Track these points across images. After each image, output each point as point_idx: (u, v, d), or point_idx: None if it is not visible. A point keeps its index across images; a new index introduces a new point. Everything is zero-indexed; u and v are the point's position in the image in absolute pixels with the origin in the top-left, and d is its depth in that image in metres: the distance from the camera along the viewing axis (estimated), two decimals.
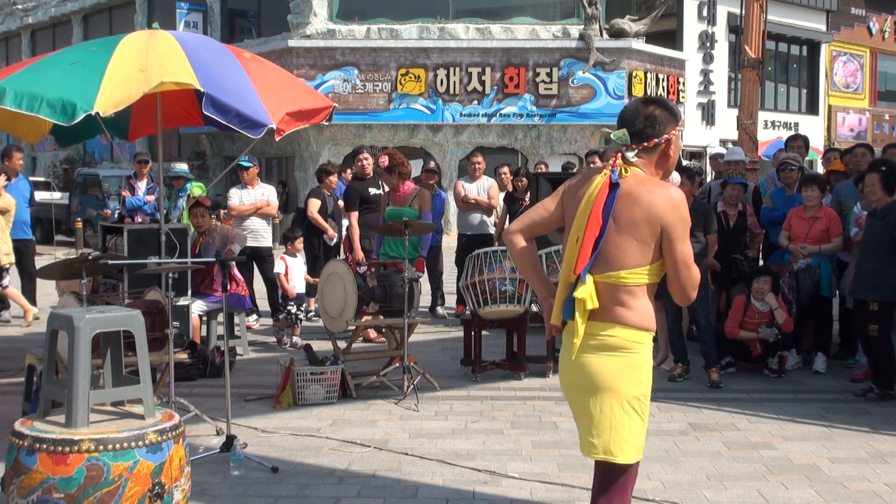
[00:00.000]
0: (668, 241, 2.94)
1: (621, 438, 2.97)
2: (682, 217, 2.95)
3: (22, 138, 7.08)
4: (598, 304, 2.96)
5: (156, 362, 5.61)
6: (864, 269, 6.63)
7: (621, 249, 2.95)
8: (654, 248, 2.96)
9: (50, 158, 31.86)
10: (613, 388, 2.97)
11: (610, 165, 3.01)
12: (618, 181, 2.96)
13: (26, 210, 10.12)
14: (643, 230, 2.93)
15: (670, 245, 2.95)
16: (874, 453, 5.30)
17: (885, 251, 6.51)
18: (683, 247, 2.96)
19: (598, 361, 2.98)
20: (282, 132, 5.81)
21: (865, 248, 6.69)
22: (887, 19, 35.71)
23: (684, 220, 2.95)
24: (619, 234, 2.95)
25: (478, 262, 7.06)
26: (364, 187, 9.00)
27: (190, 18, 26.18)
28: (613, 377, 2.97)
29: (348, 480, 4.77)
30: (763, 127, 27.10)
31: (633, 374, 2.99)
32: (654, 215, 2.92)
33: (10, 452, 3.60)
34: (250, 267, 9.57)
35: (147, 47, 5.74)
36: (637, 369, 3.00)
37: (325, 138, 22.16)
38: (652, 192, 2.94)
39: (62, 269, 5.86)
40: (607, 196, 2.95)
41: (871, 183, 6.64)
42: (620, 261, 2.96)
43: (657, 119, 3.02)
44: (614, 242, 2.96)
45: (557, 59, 22.34)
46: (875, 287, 6.55)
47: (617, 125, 3.08)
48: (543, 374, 7.28)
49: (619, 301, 2.97)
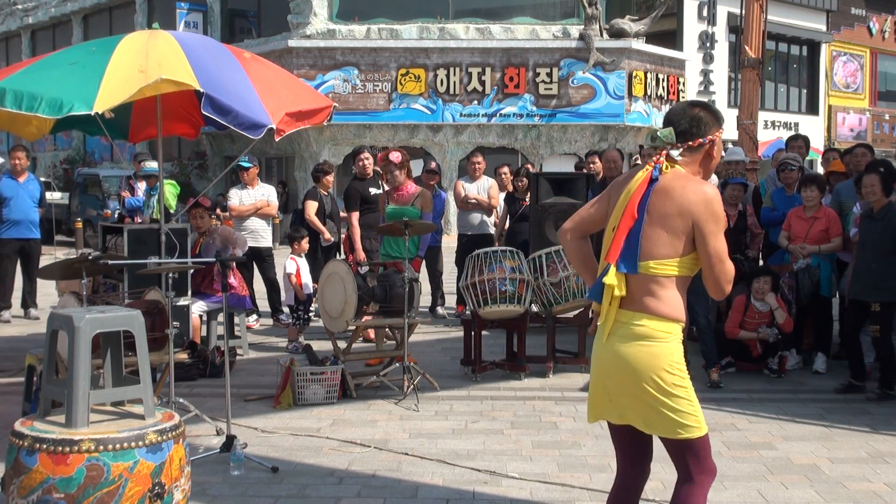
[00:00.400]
0: (701, 237, 3.05)
1: (670, 419, 3.06)
2: (714, 213, 3.03)
3: (22, 137, 7.07)
4: (625, 292, 3.08)
5: (156, 362, 5.61)
6: (864, 270, 6.62)
7: (651, 241, 3.06)
8: (685, 242, 3.06)
9: (50, 158, 31.88)
10: (644, 376, 3.06)
11: (653, 162, 3.14)
12: (657, 176, 3.09)
13: (33, 209, 10.14)
14: (675, 223, 3.04)
15: (703, 240, 3.05)
16: (874, 453, 5.30)
17: (886, 252, 6.52)
18: (717, 242, 3.05)
19: (628, 351, 3.08)
20: (282, 133, 5.80)
21: (864, 249, 6.68)
22: (887, 19, 35.72)
23: (716, 215, 3.04)
24: (650, 225, 3.07)
25: (478, 262, 7.06)
26: (365, 187, 8.99)
27: (190, 18, 26.20)
28: (643, 365, 3.06)
29: (348, 480, 4.77)
30: (763, 127, 27.11)
31: (659, 362, 3.07)
32: (687, 210, 3.03)
33: (10, 452, 3.60)
34: (250, 267, 9.57)
35: (147, 47, 5.73)
36: (664, 357, 3.08)
37: (325, 138, 22.16)
38: (686, 188, 3.05)
39: (62, 269, 5.86)
40: (645, 190, 3.09)
41: (871, 184, 6.64)
42: (650, 251, 3.06)
43: (702, 120, 3.15)
44: (646, 234, 3.07)
45: (557, 59, 22.34)
46: (877, 288, 6.54)
47: (663, 124, 3.21)
48: (543, 374, 7.28)
49: (648, 291, 3.07)
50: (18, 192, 9.98)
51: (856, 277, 6.72)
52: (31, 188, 10.18)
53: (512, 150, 22.46)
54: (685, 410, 3.08)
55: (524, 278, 6.99)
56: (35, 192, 10.19)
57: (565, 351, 7.76)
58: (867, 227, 6.69)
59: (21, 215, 9.97)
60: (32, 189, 10.18)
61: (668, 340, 3.08)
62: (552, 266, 7.21)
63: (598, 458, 5.15)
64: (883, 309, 6.54)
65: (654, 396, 3.06)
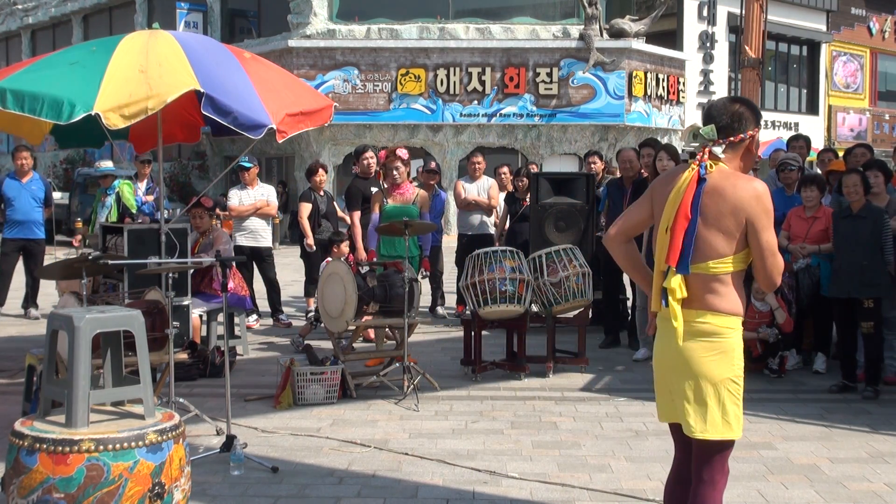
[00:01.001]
0: (754, 231, 3.12)
1: (718, 419, 3.16)
2: (765, 208, 3.11)
3: (23, 138, 7.08)
4: (686, 293, 3.16)
5: (156, 362, 5.61)
6: (854, 268, 6.73)
7: (708, 241, 3.14)
8: (739, 238, 3.15)
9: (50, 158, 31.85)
10: (708, 372, 3.16)
11: (698, 160, 3.18)
12: (705, 176, 3.15)
13: (37, 210, 10.13)
14: (729, 222, 3.12)
15: (756, 235, 3.13)
16: (874, 453, 5.30)
17: (873, 249, 6.68)
18: (768, 235, 3.13)
19: (694, 347, 3.17)
20: (285, 134, 5.78)
21: (850, 247, 6.78)
22: (887, 19, 35.71)
23: (767, 210, 3.11)
24: (706, 226, 3.14)
25: (478, 262, 7.06)
26: (367, 186, 8.96)
27: (190, 18, 26.18)
28: (708, 362, 3.16)
29: (348, 480, 4.77)
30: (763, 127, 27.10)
31: (725, 358, 3.18)
32: (740, 207, 3.10)
33: (10, 452, 3.60)
34: (250, 267, 9.57)
35: (147, 47, 5.73)
36: (729, 353, 3.20)
37: (325, 138, 22.16)
38: (737, 186, 3.12)
39: (62, 269, 5.87)
40: (695, 190, 3.14)
41: (854, 184, 6.81)
42: (708, 252, 3.14)
43: (742, 116, 3.21)
44: (701, 235, 3.14)
45: (557, 59, 22.34)
46: (870, 285, 6.68)
47: (704, 121, 3.26)
48: (543, 374, 7.28)
49: (709, 289, 3.16)
50: (21, 193, 9.98)
51: (844, 276, 6.79)
52: (35, 188, 10.17)
53: (512, 150, 22.45)
54: (735, 409, 3.20)
55: (524, 278, 6.99)
56: (39, 193, 10.18)
57: (565, 351, 7.76)
58: (850, 227, 6.83)
59: (24, 216, 9.97)
60: (36, 189, 10.17)
61: (731, 336, 3.19)
62: (552, 266, 7.21)
63: (598, 458, 5.15)
64: (875, 305, 6.69)
65: (707, 390, 3.15)
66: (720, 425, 3.16)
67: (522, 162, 21.00)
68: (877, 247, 6.70)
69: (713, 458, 3.20)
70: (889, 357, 7.11)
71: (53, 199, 10.64)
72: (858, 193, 6.81)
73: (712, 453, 3.20)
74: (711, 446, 3.19)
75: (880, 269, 6.70)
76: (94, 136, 6.95)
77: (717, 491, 3.20)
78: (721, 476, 3.23)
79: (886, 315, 7.02)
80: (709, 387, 3.15)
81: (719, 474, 3.22)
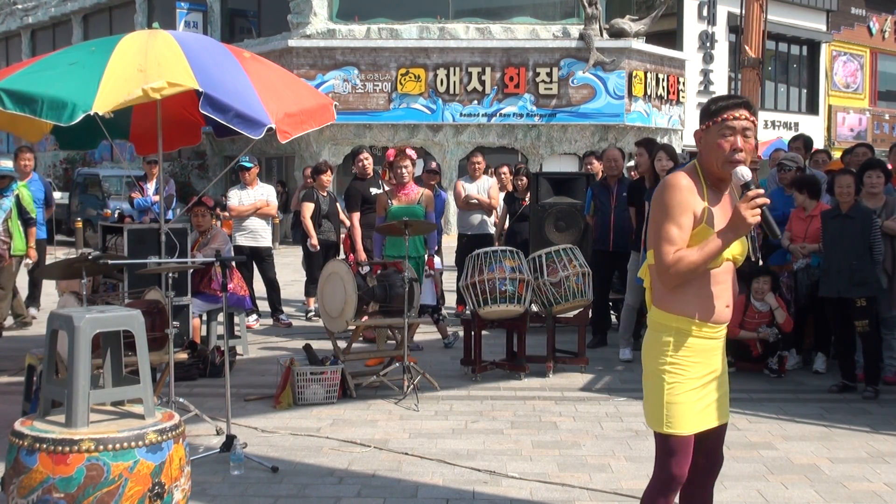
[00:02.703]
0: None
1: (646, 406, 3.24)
2: (658, 200, 3.10)
3: (22, 138, 7.08)
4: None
5: (156, 362, 5.61)
6: (845, 268, 6.75)
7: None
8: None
9: (50, 158, 31.86)
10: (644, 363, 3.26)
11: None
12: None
13: (37, 210, 10.10)
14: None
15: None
16: (874, 453, 5.30)
17: (864, 249, 6.72)
18: (655, 227, 3.11)
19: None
20: (288, 135, 5.78)
21: (840, 247, 6.80)
22: (887, 19, 35.71)
23: (660, 203, 3.08)
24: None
25: (478, 262, 7.06)
26: (365, 187, 8.98)
27: (190, 18, 26.19)
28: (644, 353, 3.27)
29: (348, 480, 4.77)
30: (763, 127, 27.14)
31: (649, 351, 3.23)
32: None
33: (10, 452, 3.60)
34: (250, 267, 9.57)
35: (146, 47, 5.72)
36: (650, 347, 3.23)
37: (325, 138, 22.16)
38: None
39: (62, 269, 5.86)
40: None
41: (847, 184, 6.85)
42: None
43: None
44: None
45: (557, 59, 22.34)
46: (863, 284, 6.71)
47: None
48: (543, 373, 7.28)
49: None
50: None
51: (834, 276, 6.82)
52: (35, 189, 10.15)
53: (512, 149, 22.45)
54: (648, 398, 3.27)
55: (524, 278, 6.99)
56: (39, 194, 10.15)
57: (565, 351, 7.76)
58: (839, 227, 6.85)
59: None
60: (36, 190, 10.15)
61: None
62: (552, 266, 7.21)
63: (598, 458, 5.15)
64: (868, 303, 6.72)
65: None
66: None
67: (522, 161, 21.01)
68: (865, 247, 6.74)
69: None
70: (889, 357, 7.11)
71: (54, 200, 10.61)
72: (850, 194, 6.84)
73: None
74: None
75: (870, 269, 6.74)
76: (92, 136, 6.94)
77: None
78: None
79: (885, 315, 7.03)
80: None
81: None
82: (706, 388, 3.17)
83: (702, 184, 3.10)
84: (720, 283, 3.12)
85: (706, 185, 3.10)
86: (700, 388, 3.15)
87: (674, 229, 3.02)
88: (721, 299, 3.12)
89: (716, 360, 3.21)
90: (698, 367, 3.14)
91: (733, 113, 3.04)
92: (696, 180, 3.09)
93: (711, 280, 3.09)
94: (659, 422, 3.14)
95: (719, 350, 3.21)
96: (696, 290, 3.09)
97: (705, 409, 3.17)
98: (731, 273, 3.17)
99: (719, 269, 3.09)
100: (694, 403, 3.13)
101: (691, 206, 3.04)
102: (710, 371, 3.17)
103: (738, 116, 3.04)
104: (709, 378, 3.17)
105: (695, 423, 3.13)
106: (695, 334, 3.11)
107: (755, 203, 2.94)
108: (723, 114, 3.05)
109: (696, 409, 3.13)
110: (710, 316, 3.11)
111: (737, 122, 3.04)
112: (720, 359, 3.23)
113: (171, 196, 10.85)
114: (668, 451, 3.15)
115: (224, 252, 7.70)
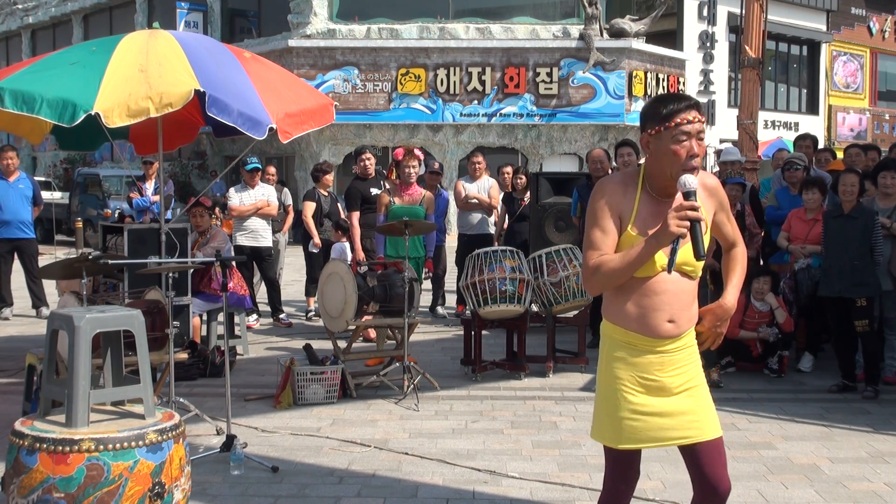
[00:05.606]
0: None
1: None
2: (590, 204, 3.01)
3: (24, 138, 7.09)
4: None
5: (156, 362, 5.61)
6: (844, 268, 6.76)
7: None
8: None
9: (50, 158, 31.86)
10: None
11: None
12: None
13: (25, 210, 10.10)
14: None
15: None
16: (874, 453, 5.31)
17: (865, 249, 6.73)
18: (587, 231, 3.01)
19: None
20: (289, 135, 5.77)
21: (841, 247, 6.81)
22: (887, 19, 35.70)
23: (590, 206, 3.00)
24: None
25: (478, 261, 7.06)
26: (366, 187, 8.99)
27: (190, 18, 26.18)
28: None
29: (348, 480, 4.77)
30: (763, 127, 27.10)
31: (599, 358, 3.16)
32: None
33: (11, 452, 3.60)
34: (250, 267, 9.58)
35: (147, 47, 5.73)
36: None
37: (325, 138, 22.16)
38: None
39: (62, 269, 5.86)
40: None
41: (852, 183, 6.85)
42: None
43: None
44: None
45: (557, 59, 22.33)
46: (862, 284, 6.72)
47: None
48: (543, 373, 7.28)
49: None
50: (8, 193, 9.93)
51: (835, 276, 6.82)
52: (23, 188, 10.14)
53: (512, 149, 22.45)
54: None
55: (524, 278, 6.99)
56: (27, 192, 10.14)
57: (565, 351, 7.76)
58: (841, 227, 6.85)
59: (11, 216, 9.93)
60: (24, 189, 10.13)
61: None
62: (552, 266, 7.21)
63: (598, 458, 5.14)
64: (868, 304, 6.74)
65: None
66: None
67: (522, 161, 21.02)
68: (867, 247, 6.74)
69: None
70: (890, 357, 7.12)
71: (42, 199, 10.60)
72: (853, 194, 6.84)
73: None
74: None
75: (870, 269, 6.75)
76: (93, 137, 6.95)
77: None
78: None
79: (888, 315, 7.03)
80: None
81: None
82: (653, 404, 2.96)
83: (637, 189, 2.95)
84: (659, 295, 2.91)
85: (644, 191, 2.95)
86: (640, 405, 2.95)
87: (597, 233, 2.91)
88: (661, 312, 2.92)
89: (670, 374, 2.98)
90: (638, 381, 2.96)
91: (686, 116, 2.83)
92: (633, 186, 2.95)
93: (649, 291, 2.91)
94: (594, 430, 3.08)
95: (676, 364, 2.99)
96: (634, 300, 2.93)
97: (649, 426, 2.95)
98: (681, 285, 2.94)
99: (659, 279, 2.90)
100: (630, 419, 2.95)
101: (617, 211, 2.91)
102: (658, 386, 2.96)
103: (692, 119, 2.83)
104: (657, 394, 2.96)
105: (628, 438, 2.96)
106: (633, 346, 2.96)
107: (685, 214, 2.73)
108: (675, 118, 2.84)
109: (633, 424, 2.95)
110: (647, 329, 2.93)
111: (690, 125, 2.83)
112: (681, 373, 3.00)
113: (169, 196, 10.85)
114: (606, 460, 3.08)
115: (224, 251, 7.70)
